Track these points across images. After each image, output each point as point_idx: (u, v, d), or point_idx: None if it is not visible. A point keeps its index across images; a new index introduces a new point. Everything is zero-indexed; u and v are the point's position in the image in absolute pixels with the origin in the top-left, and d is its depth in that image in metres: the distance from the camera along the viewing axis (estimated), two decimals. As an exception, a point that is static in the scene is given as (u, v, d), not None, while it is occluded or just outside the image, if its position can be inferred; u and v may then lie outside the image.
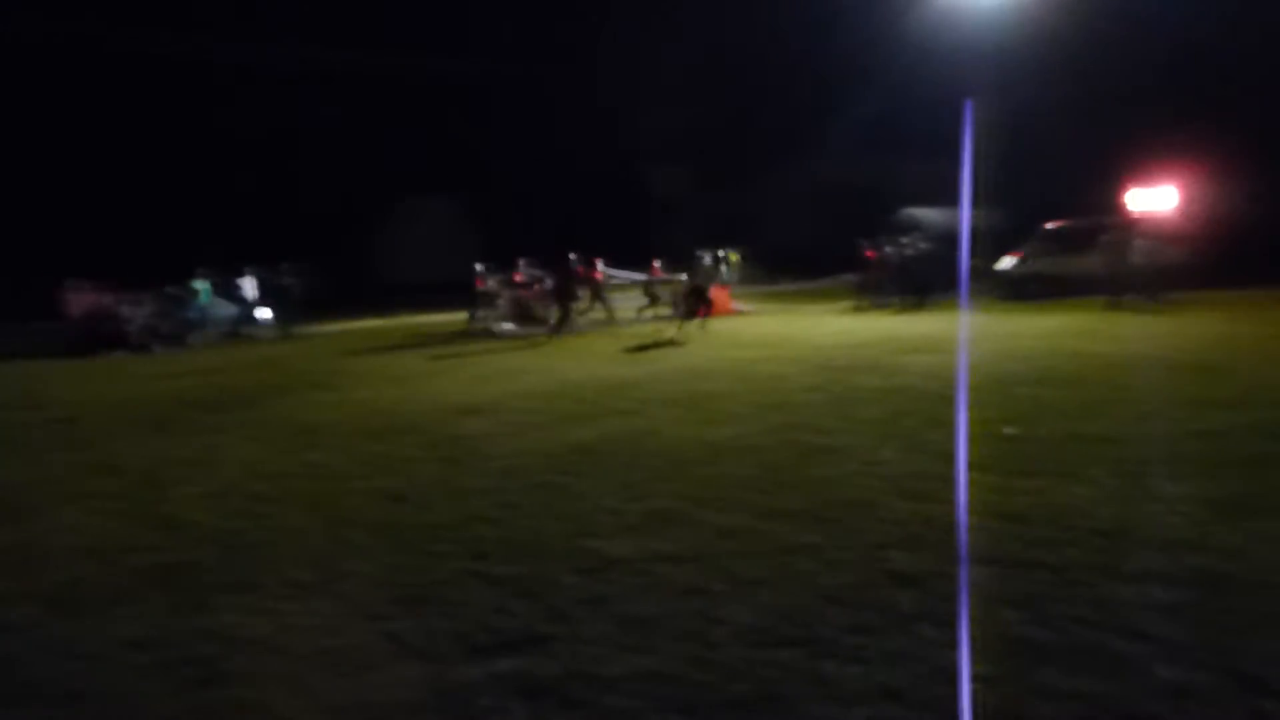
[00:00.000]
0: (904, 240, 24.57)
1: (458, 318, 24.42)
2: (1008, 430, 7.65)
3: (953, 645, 3.82)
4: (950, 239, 23.40)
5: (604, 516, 5.99)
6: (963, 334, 14.12)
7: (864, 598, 4.46)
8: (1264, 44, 27.81)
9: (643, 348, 16.26)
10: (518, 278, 23.38)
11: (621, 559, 5.17)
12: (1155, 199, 23.64)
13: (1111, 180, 25.06)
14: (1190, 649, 3.74)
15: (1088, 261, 21.08)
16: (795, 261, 36.11)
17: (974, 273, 23.40)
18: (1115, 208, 23.38)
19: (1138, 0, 29.00)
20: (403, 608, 4.68)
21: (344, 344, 21.49)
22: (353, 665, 4.10)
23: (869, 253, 24.43)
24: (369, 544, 5.73)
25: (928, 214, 28.75)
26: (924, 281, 22.34)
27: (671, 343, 16.66)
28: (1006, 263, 23.65)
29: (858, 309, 22.83)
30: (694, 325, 18.31)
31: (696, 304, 18.60)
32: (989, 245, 23.62)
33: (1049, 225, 23.48)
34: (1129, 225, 20.62)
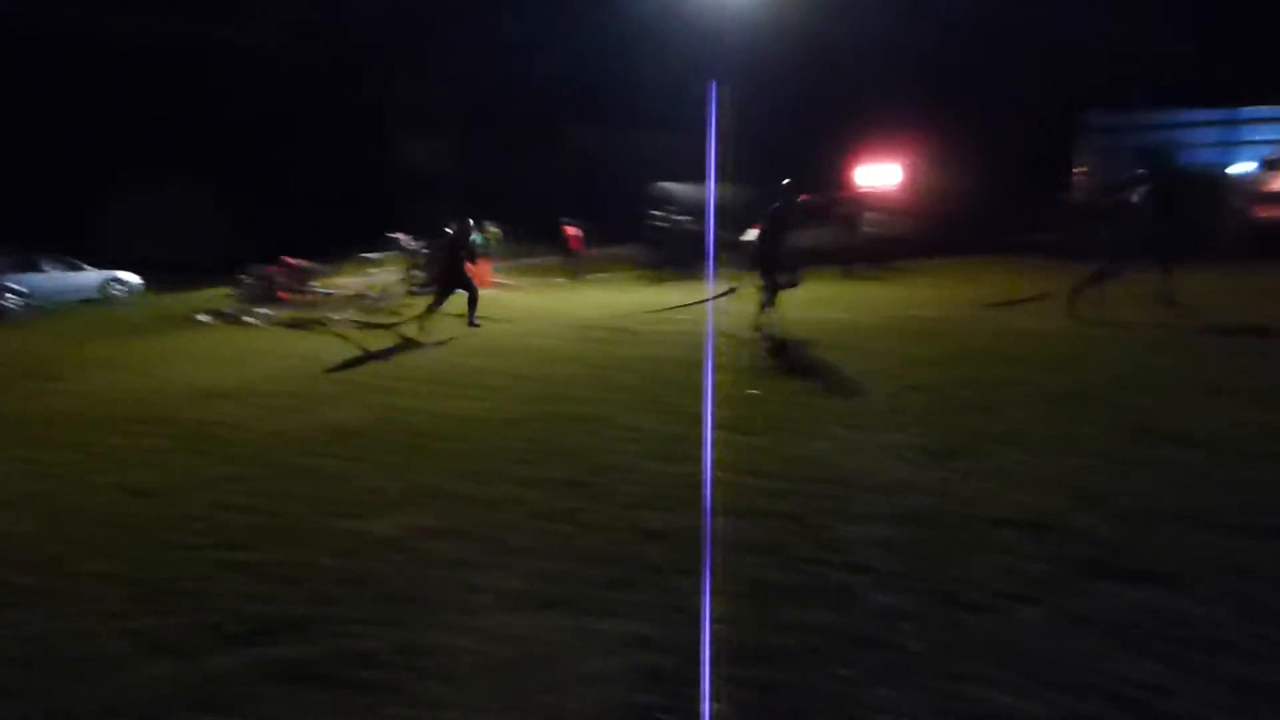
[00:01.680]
0: (658, 214, 25.34)
1: (199, 298, 22.91)
2: (751, 392, 8.17)
3: (699, 592, 4.11)
4: (700, 212, 24.37)
5: (363, 497, 5.91)
6: (712, 304, 14.80)
7: (619, 555, 4.68)
8: (978, 35, 30.65)
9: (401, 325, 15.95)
10: (285, 263, 22.18)
11: (382, 538, 5.14)
12: (882, 175, 25.68)
13: (843, 158, 27.00)
14: (903, 576, 4.22)
15: (823, 234, 22.63)
16: (560, 235, 36.32)
17: (721, 245, 24.50)
18: (846, 184, 25.20)
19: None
20: (148, 604, 4.45)
21: (77, 328, 19.65)
22: (96, 668, 3.87)
23: (568, 229, 25.06)
24: (108, 542, 5.37)
25: (680, 188, 29.75)
26: (679, 252, 23.17)
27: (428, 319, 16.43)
28: (750, 235, 24.95)
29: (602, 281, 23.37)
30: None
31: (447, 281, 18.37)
32: (736, 219, 24.80)
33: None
34: (859, 200, 22.31)
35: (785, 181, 12.53)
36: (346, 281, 23.03)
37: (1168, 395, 7.38)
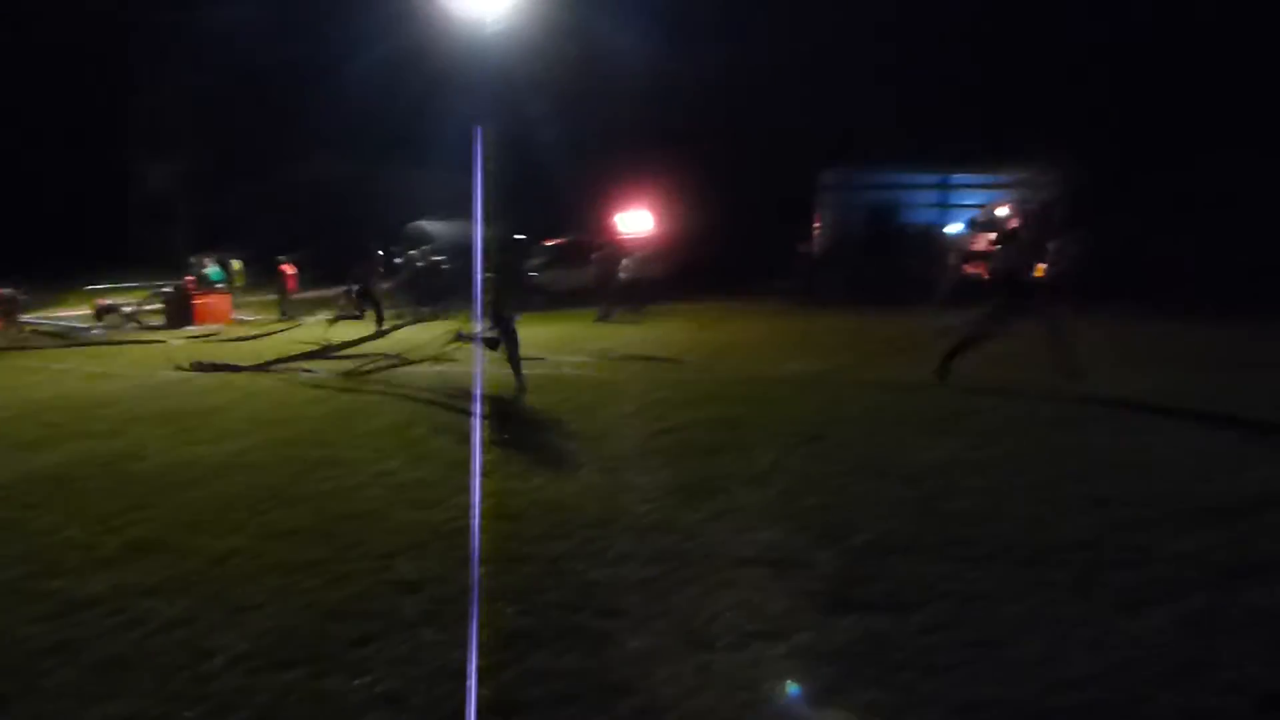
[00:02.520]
0: (414, 253, 24.85)
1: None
2: (505, 435, 8.09)
3: (453, 644, 3.97)
4: (461, 252, 24.11)
5: (72, 553, 5.31)
6: (478, 346, 14.62)
7: (368, 609, 4.45)
8: (731, 86, 32.30)
9: (132, 361, 14.65)
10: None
11: (94, 598, 4.63)
12: (639, 219, 26.49)
13: (603, 201, 27.63)
14: (654, 619, 4.26)
15: (582, 275, 23.01)
16: (307, 268, 34.64)
17: (486, 285, 24.35)
18: (605, 226, 25.81)
19: (623, 37, 32.18)
20: None
21: None
22: None
23: (284, 268, 24.34)
24: None
25: (438, 227, 29.34)
26: (436, 293, 22.77)
27: (164, 355, 15.21)
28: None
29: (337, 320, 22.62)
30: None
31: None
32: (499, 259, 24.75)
33: (549, 242, 25.24)
34: (617, 243, 22.89)
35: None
36: (68, 313, 21.00)
37: (898, 434, 7.96)
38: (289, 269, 24.12)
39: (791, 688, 3.62)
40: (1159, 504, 5.80)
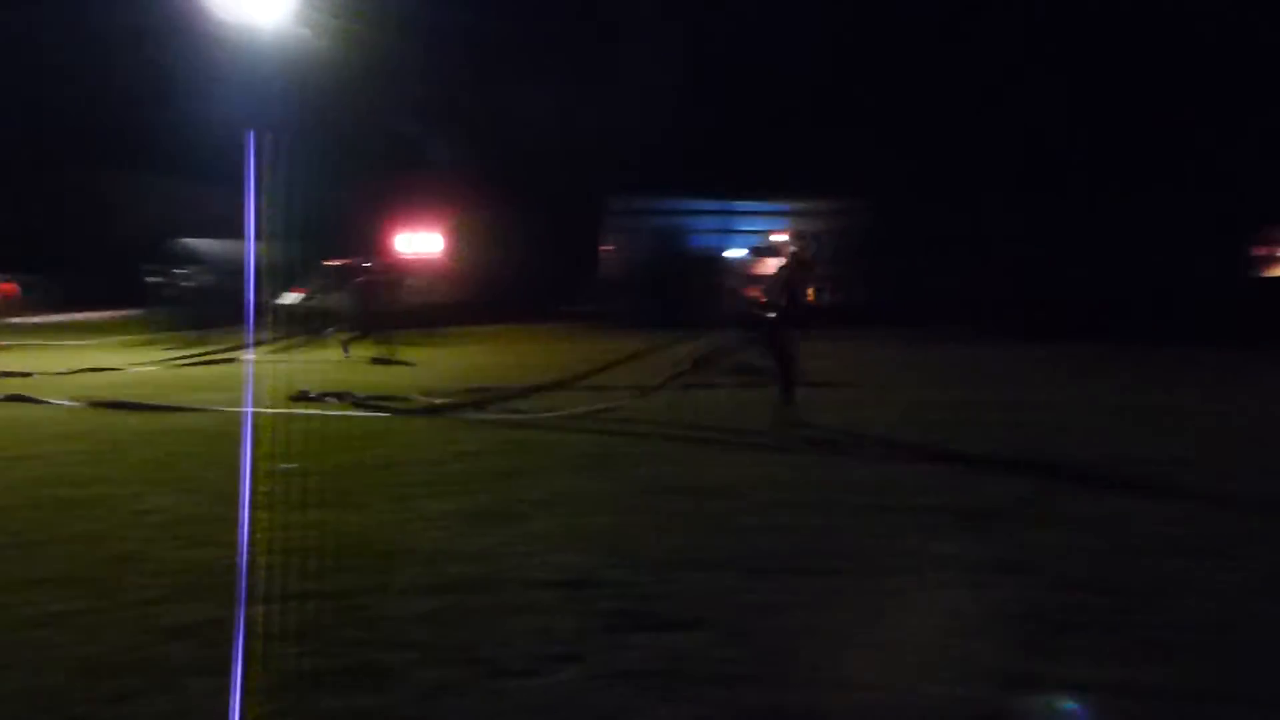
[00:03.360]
0: (181, 272, 23.33)
1: None
2: (284, 466, 7.70)
3: (226, 692, 3.71)
4: (233, 271, 22.85)
5: None
6: (250, 369, 13.82)
7: (130, 661, 4.09)
8: (516, 105, 32.29)
9: None
10: None
11: None
12: (424, 242, 26.02)
13: (387, 223, 26.96)
14: (445, 649, 4.16)
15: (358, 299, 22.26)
16: (87, 289, 31.70)
17: (260, 307, 23.17)
18: (387, 248, 25.18)
19: (405, 63, 31.61)
20: None
21: None
22: None
23: (3, 286, 22.71)
24: None
25: (208, 245, 27.68)
26: (206, 314, 21.46)
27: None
28: (290, 298, 23.89)
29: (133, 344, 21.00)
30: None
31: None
32: (276, 279, 23.60)
33: (329, 262, 24.33)
34: (397, 265, 22.37)
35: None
36: None
37: (686, 451, 8.18)
38: (7, 286, 21.96)
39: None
40: (926, 508, 6.25)
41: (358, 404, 11.06)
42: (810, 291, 11.12)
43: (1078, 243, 24.63)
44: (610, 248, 30.49)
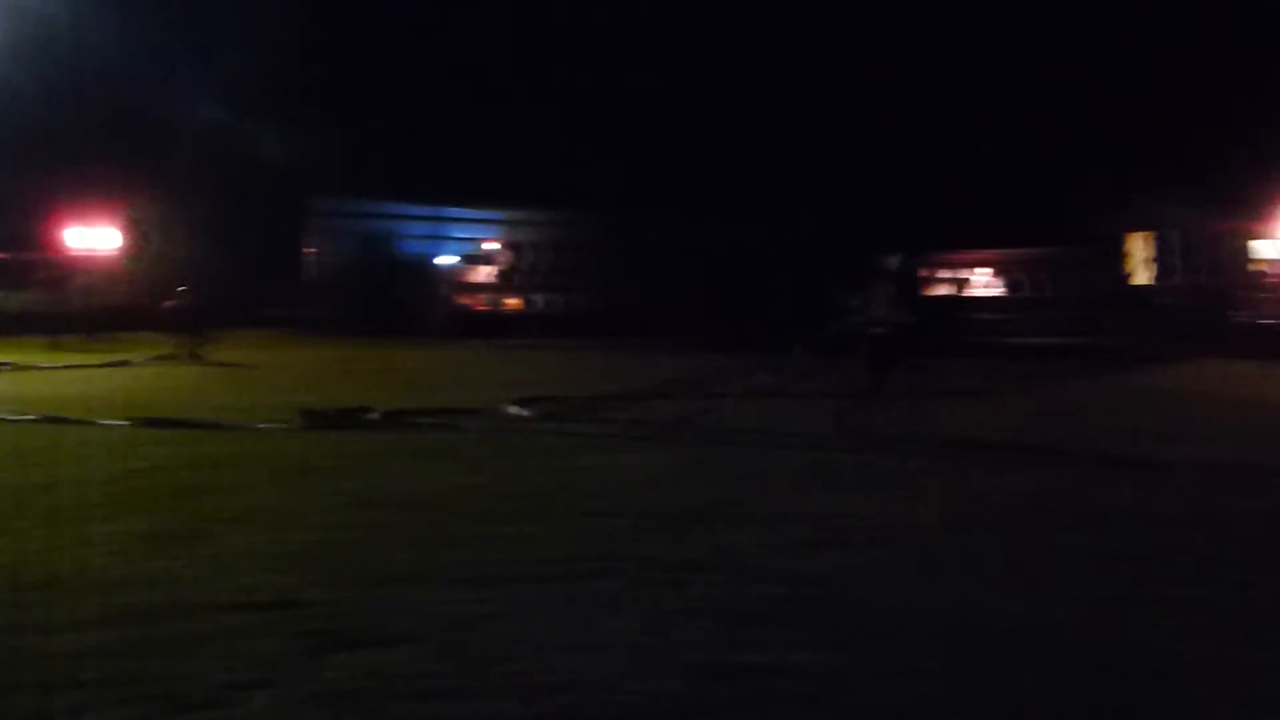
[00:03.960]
0: None
1: None
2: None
3: None
4: None
5: None
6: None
7: None
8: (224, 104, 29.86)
9: None
10: None
11: None
12: (98, 239, 23.59)
13: (54, 218, 24.15)
14: (119, 686, 3.75)
15: (32, 297, 19.94)
16: None
17: None
18: (56, 245, 22.61)
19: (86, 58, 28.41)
20: None
21: None
22: None
23: None
24: None
25: None
26: None
27: None
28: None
29: None
30: None
31: None
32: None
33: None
34: (72, 263, 20.17)
35: None
36: None
37: (387, 463, 7.95)
38: None
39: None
40: (629, 515, 6.45)
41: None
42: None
43: (775, 258, 26.55)
44: (313, 250, 29.11)
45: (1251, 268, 25.60)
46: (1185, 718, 3.58)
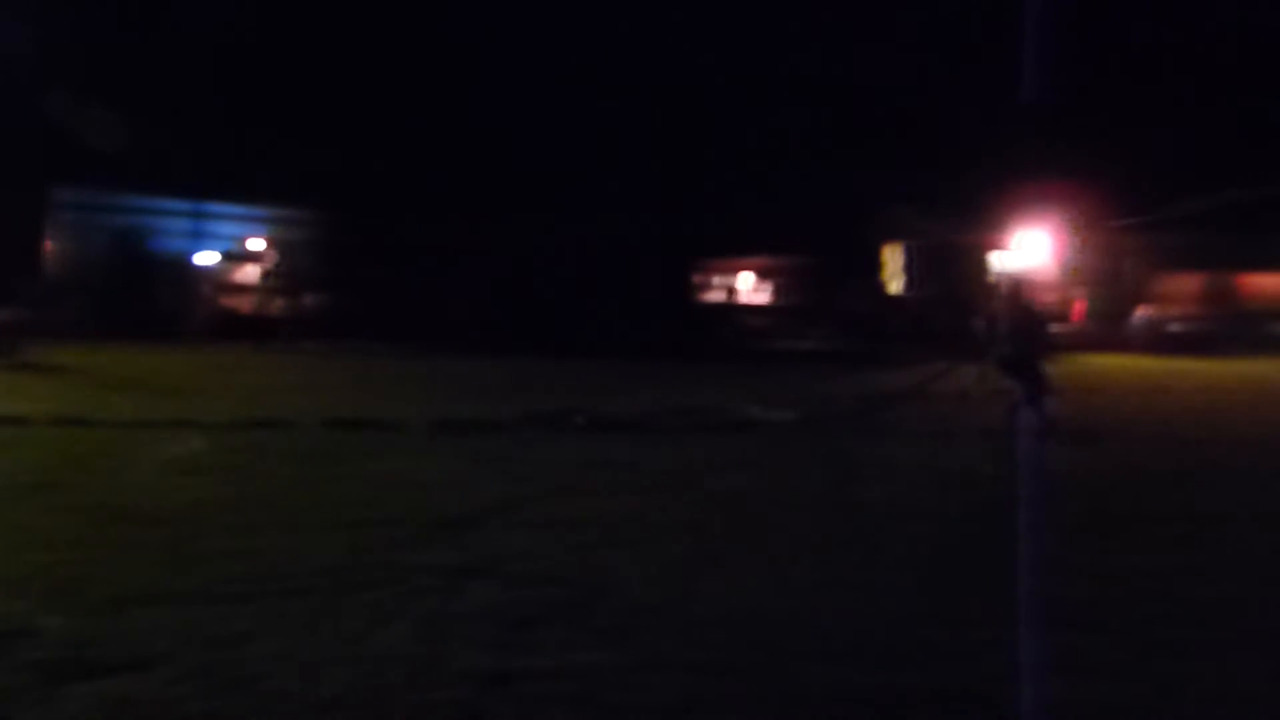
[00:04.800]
0: None
1: None
2: None
3: None
4: None
5: None
6: None
7: None
8: None
9: None
10: None
11: None
12: None
13: None
14: None
15: None
16: None
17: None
18: None
19: None
20: None
21: None
22: None
23: None
24: None
25: None
26: None
27: None
28: None
29: None
30: None
31: None
32: None
33: None
34: None
35: None
36: None
37: (143, 477, 7.39)
38: None
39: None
40: (403, 521, 6.30)
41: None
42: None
43: (541, 261, 26.61)
44: (55, 246, 26.60)
45: (989, 279, 28.26)
46: (937, 695, 3.89)
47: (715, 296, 30.09)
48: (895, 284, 28.94)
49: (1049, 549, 5.87)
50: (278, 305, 27.74)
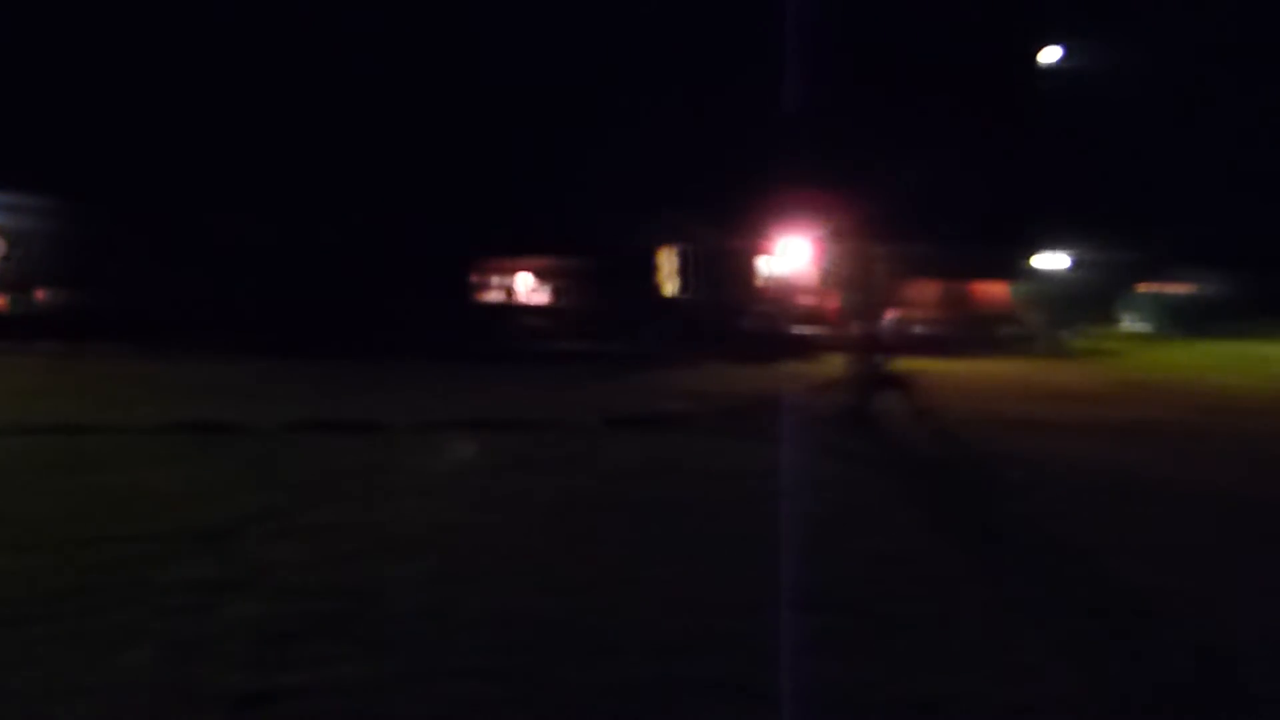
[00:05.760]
0: None
1: None
2: None
3: None
4: None
5: None
6: None
7: None
8: None
9: None
10: None
11: None
12: None
13: None
14: None
15: None
16: None
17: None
18: None
19: None
20: None
21: None
22: None
23: None
24: None
25: None
26: None
27: None
28: None
29: None
30: None
31: None
32: None
33: None
34: None
35: None
36: None
37: None
38: None
39: None
40: (150, 535, 5.88)
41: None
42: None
43: (320, 261, 25.41)
44: None
45: (757, 283, 29.60)
46: (699, 684, 4.04)
47: (494, 297, 29.82)
48: (670, 286, 29.72)
49: (804, 538, 6.27)
50: (4, 302, 24.95)
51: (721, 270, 29.31)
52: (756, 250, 29.49)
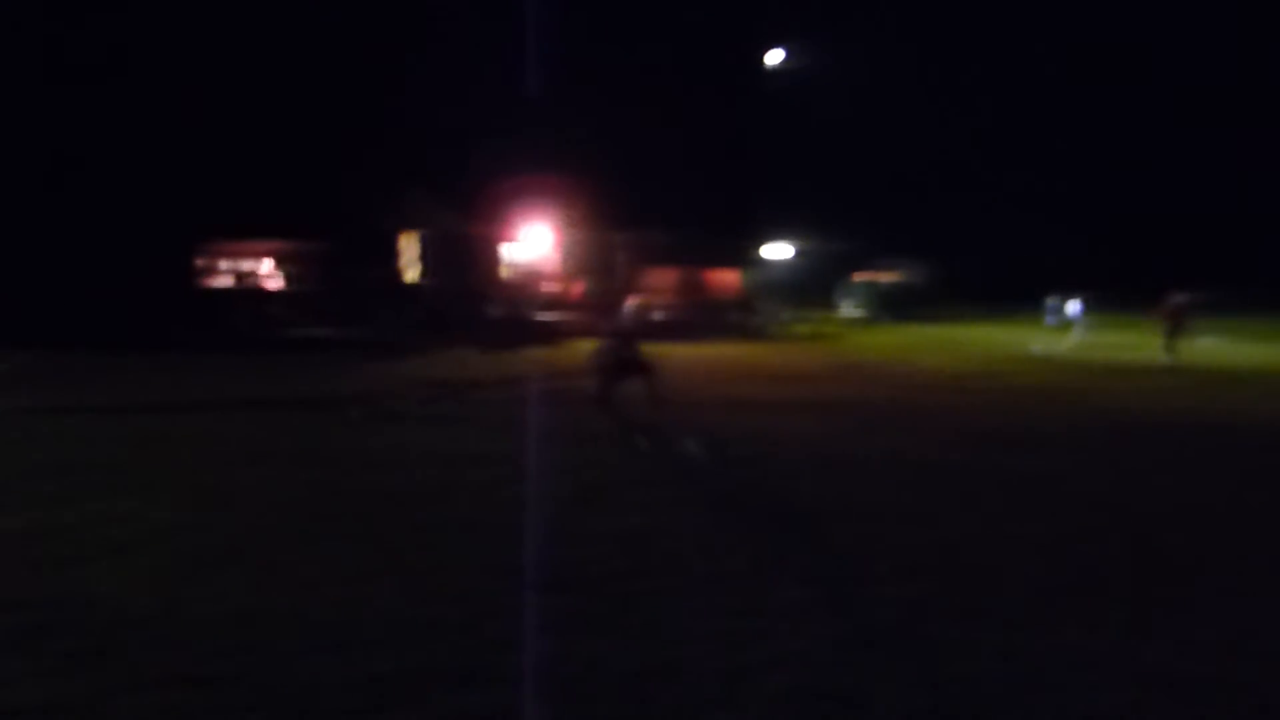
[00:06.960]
0: None
1: None
2: None
3: None
4: None
5: None
6: None
7: None
8: None
9: None
10: None
11: None
12: None
13: None
14: None
15: None
16: None
17: None
18: None
19: None
20: None
21: None
22: None
23: None
24: None
25: None
26: None
27: None
28: None
29: None
30: None
31: None
32: None
33: None
34: None
35: None
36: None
37: None
38: None
39: None
40: None
41: None
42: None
43: (20, 243, 22.75)
44: None
45: (500, 270, 29.47)
46: (433, 674, 4.05)
47: (224, 282, 27.79)
48: (411, 272, 28.99)
49: (546, 519, 6.39)
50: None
51: (464, 256, 28.95)
52: (499, 237, 29.39)
